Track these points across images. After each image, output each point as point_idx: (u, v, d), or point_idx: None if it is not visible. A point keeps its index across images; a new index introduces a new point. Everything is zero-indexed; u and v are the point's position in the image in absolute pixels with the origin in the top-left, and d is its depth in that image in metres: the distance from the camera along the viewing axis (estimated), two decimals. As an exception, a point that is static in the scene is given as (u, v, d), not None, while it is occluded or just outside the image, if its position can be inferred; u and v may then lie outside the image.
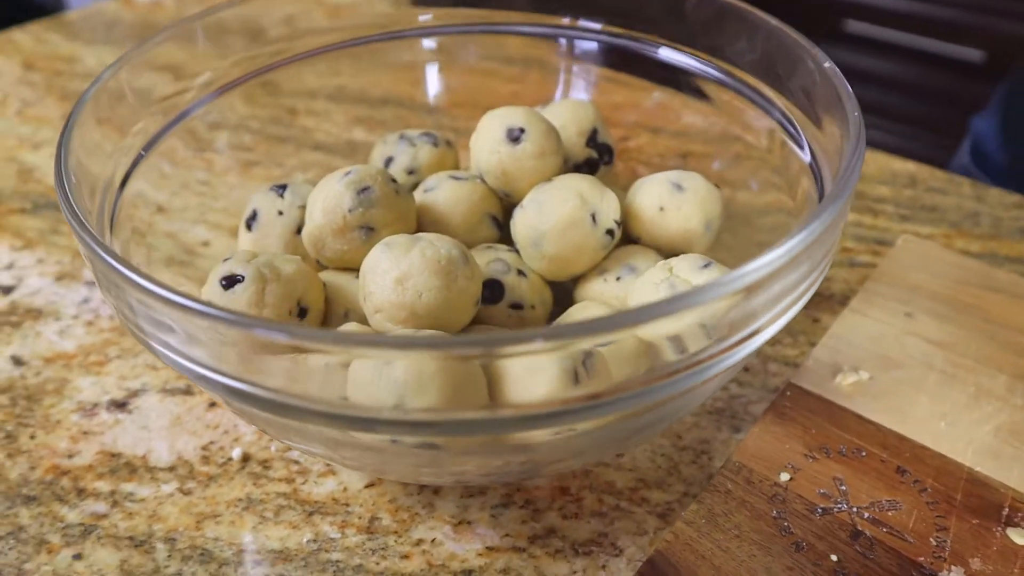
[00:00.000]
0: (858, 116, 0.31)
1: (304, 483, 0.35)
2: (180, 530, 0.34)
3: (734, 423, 0.38)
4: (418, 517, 0.34)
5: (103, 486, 0.35)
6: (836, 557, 0.31)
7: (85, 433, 0.38)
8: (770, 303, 0.26)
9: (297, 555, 0.33)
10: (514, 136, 0.38)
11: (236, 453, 0.37)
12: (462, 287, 0.32)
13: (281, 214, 0.39)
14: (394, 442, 0.26)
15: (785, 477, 0.34)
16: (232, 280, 0.32)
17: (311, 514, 0.34)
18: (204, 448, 0.37)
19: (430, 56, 0.51)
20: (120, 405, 0.39)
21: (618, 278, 0.37)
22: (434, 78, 0.52)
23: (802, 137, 0.37)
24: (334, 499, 0.35)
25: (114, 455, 0.37)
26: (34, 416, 0.39)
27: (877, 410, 0.37)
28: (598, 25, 0.46)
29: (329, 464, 0.36)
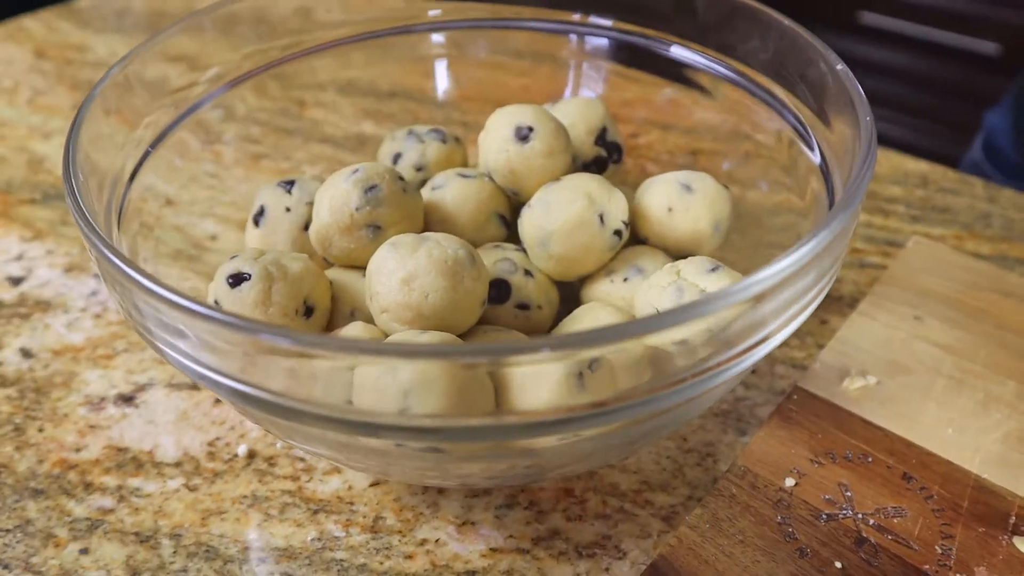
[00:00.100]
0: (870, 121, 0.31)
1: (309, 481, 0.35)
2: (186, 526, 0.34)
3: (740, 426, 0.38)
4: (422, 517, 0.34)
5: (110, 481, 0.36)
6: (840, 564, 0.31)
7: (92, 427, 0.38)
8: (778, 311, 0.26)
9: (302, 553, 0.33)
10: (523, 135, 0.38)
11: (242, 450, 0.37)
12: (468, 288, 0.32)
13: (288, 210, 0.39)
14: (399, 446, 0.26)
15: (790, 482, 0.34)
16: (239, 278, 0.32)
17: (316, 512, 0.34)
18: (210, 444, 0.37)
19: (440, 49, 0.51)
20: (127, 399, 0.39)
21: (625, 279, 0.37)
22: (443, 71, 0.52)
23: (812, 138, 0.37)
24: (339, 497, 0.35)
25: (121, 450, 0.37)
26: (42, 409, 0.39)
27: (884, 415, 0.36)
28: (609, 22, 0.45)
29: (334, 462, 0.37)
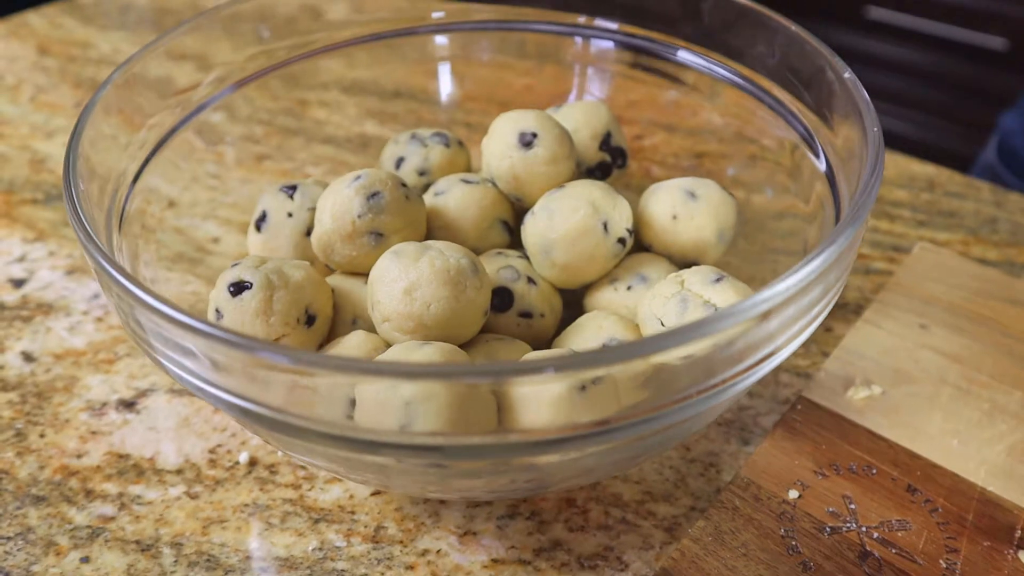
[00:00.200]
0: (877, 132, 0.30)
1: (311, 489, 0.35)
2: (187, 535, 0.34)
3: (743, 435, 0.37)
4: (424, 527, 0.34)
5: (111, 488, 0.35)
6: (843, 578, 0.31)
7: (94, 433, 0.38)
8: (784, 326, 0.26)
9: (303, 563, 0.33)
10: (526, 141, 0.37)
11: (243, 457, 0.37)
12: (471, 298, 0.32)
13: (291, 216, 0.39)
14: (400, 461, 0.26)
15: (794, 494, 0.33)
16: (240, 287, 0.32)
17: (317, 521, 0.34)
18: (211, 451, 0.37)
19: (444, 49, 0.51)
20: (129, 405, 0.39)
21: (629, 287, 0.36)
22: (447, 71, 0.52)
23: (818, 144, 0.37)
24: (340, 507, 0.35)
25: (122, 456, 0.37)
26: (43, 414, 0.39)
27: (889, 426, 0.36)
28: (614, 25, 0.45)
29: (336, 470, 0.36)
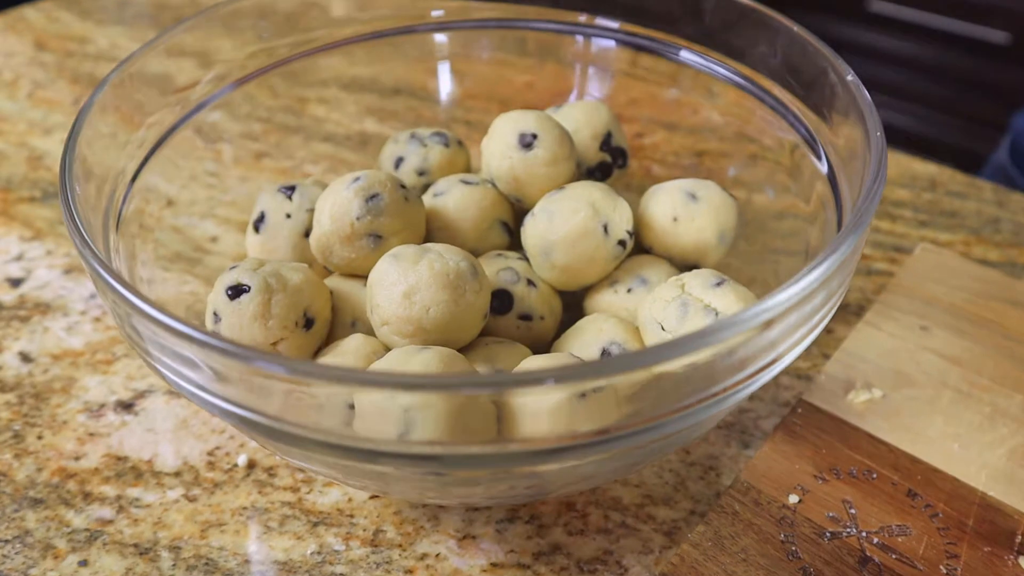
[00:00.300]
0: (880, 136, 0.30)
1: (309, 492, 0.35)
2: (185, 538, 0.34)
3: (743, 438, 0.37)
4: (423, 531, 0.34)
5: (109, 490, 0.35)
6: (843, 584, 0.31)
7: (92, 435, 0.38)
8: (786, 334, 0.26)
9: (301, 567, 0.33)
10: (526, 142, 0.37)
11: (242, 460, 0.36)
12: (470, 301, 0.32)
13: (289, 217, 0.39)
14: (398, 469, 0.26)
15: (794, 499, 0.33)
16: (238, 290, 0.32)
17: (316, 525, 0.34)
18: (210, 453, 0.37)
19: (444, 46, 0.50)
20: (127, 406, 0.39)
21: (629, 290, 0.36)
22: (447, 68, 0.52)
23: (819, 146, 0.37)
24: (339, 510, 0.35)
25: (120, 458, 0.37)
26: (41, 416, 0.39)
27: (889, 430, 0.36)
28: (615, 24, 0.45)
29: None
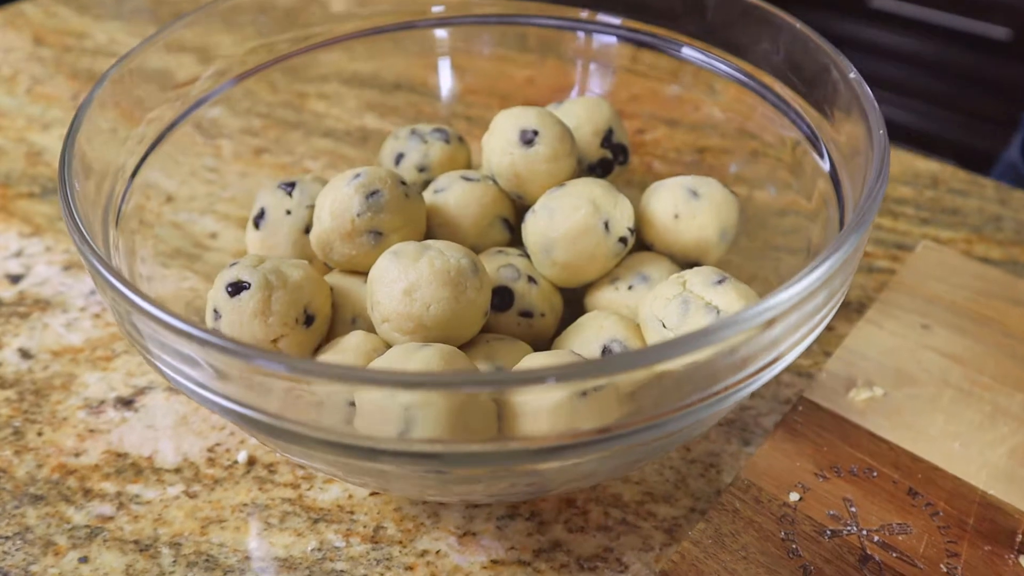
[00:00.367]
0: (883, 135, 0.30)
1: (309, 489, 0.35)
2: (185, 535, 0.34)
3: (744, 436, 0.37)
4: (423, 527, 0.34)
5: (109, 487, 0.35)
6: (844, 582, 0.31)
7: (92, 431, 0.38)
8: (787, 333, 0.26)
9: (302, 564, 0.33)
10: (527, 139, 0.37)
11: (242, 456, 0.36)
12: (471, 298, 0.32)
13: (289, 213, 0.38)
14: (399, 467, 0.26)
15: (795, 497, 0.33)
16: (238, 287, 0.32)
17: (316, 521, 0.34)
18: (210, 450, 0.37)
19: (444, 42, 0.50)
20: (127, 403, 0.39)
21: (630, 287, 0.36)
22: (448, 64, 0.51)
23: (821, 143, 0.37)
24: (339, 506, 0.35)
25: (120, 455, 0.37)
26: (41, 412, 0.39)
27: (890, 428, 0.36)
28: (617, 20, 0.44)
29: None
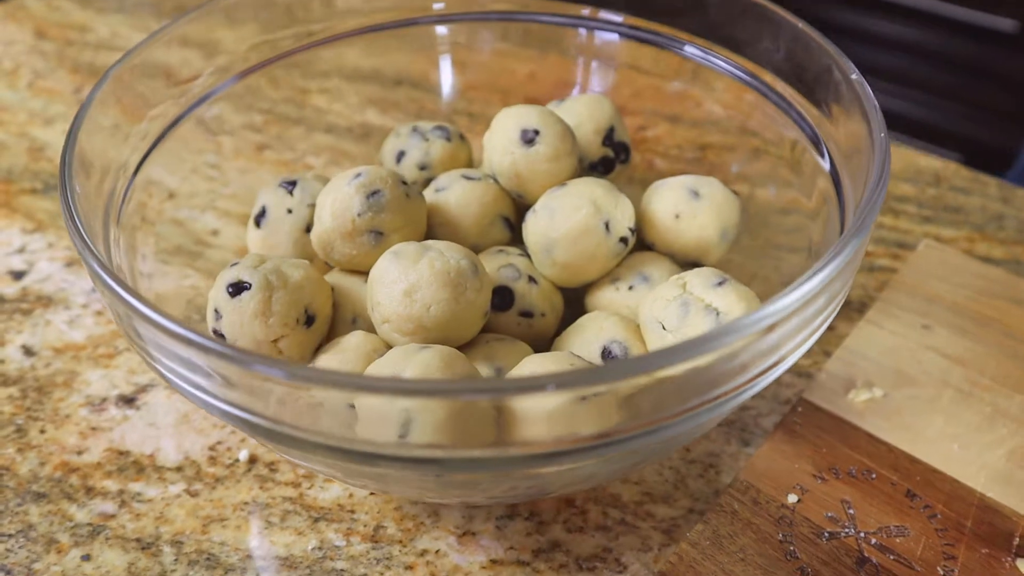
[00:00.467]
0: (884, 137, 0.30)
1: (310, 488, 0.35)
2: (187, 533, 0.34)
3: (744, 436, 0.37)
4: (423, 527, 0.34)
5: (111, 485, 0.36)
6: (841, 584, 0.31)
7: (94, 429, 0.38)
8: (788, 337, 0.26)
9: (302, 562, 0.33)
10: (528, 138, 0.37)
11: (243, 455, 0.37)
12: (471, 299, 0.32)
13: (290, 212, 0.39)
14: (399, 471, 0.26)
15: (793, 498, 0.33)
16: (239, 287, 0.32)
17: (317, 520, 0.34)
18: (211, 448, 0.37)
19: (446, 37, 0.50)
20: (128, 401, 0.39)
21: (631, 287, 0.36)
22: (449, 60, 0.51)
23: (822, 143, 0.36)
24: (340, 505, 0.35)
25: (122, 453, 0.37)
26: (44, 410, 0.39)
27: (889, 429, 0.36)
28: (619, 18, 0.44)
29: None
